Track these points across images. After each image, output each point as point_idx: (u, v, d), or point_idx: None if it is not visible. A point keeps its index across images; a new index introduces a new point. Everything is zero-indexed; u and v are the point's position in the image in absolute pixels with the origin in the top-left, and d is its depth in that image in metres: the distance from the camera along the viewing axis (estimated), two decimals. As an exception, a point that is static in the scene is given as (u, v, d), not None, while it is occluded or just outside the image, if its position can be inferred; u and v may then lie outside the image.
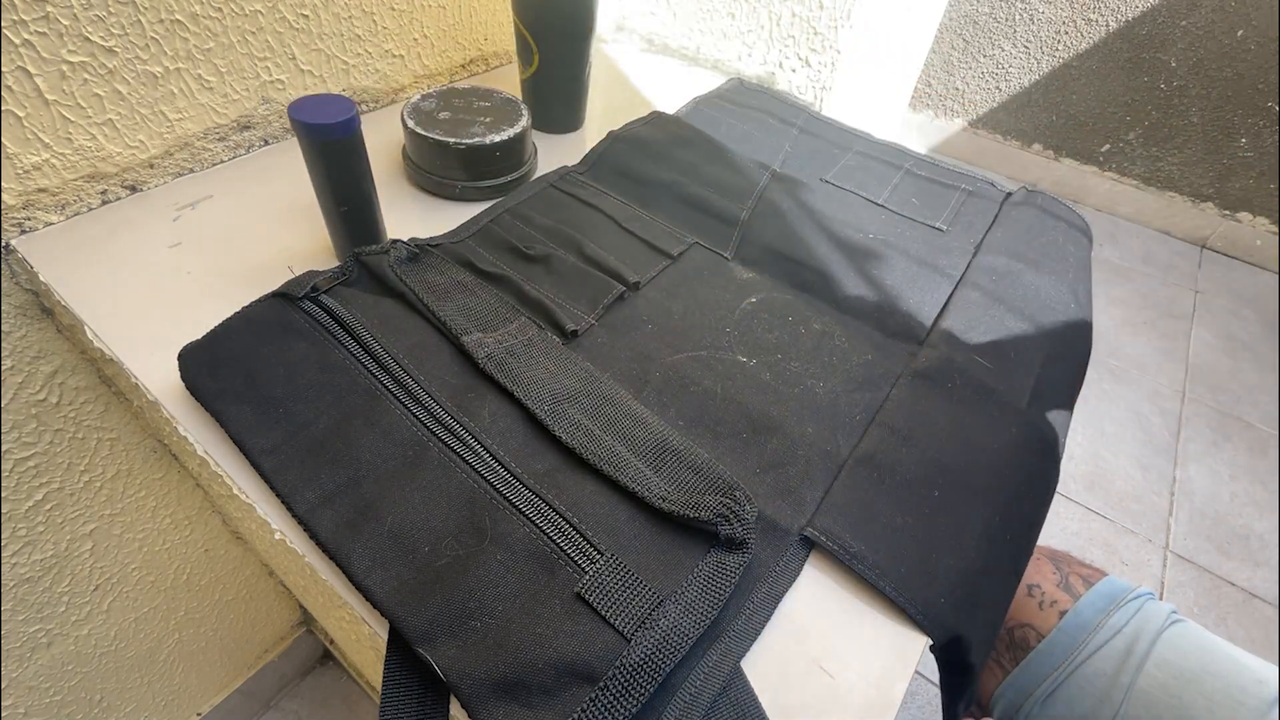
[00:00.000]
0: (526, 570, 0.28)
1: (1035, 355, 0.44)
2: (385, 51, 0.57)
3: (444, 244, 0.44)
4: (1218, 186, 1.88)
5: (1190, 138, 1.86)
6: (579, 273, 0.44)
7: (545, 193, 0.51)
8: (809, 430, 0.37)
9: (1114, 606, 0.47)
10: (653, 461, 0.33)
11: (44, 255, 0.41)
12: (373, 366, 0.35)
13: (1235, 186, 1.86)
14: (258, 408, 0.33)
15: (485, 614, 0.26)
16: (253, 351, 0.35)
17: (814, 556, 0.33)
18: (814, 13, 0.67)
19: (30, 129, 0.39)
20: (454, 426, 0.33)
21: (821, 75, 0.70)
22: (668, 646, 0.26)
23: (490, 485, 0.31)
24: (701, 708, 0.26)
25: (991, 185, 0.60)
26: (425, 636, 0.26)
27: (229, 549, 0.69)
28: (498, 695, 0.24)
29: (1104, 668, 0.45)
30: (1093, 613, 0.47)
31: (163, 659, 0.70)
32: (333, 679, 0.92)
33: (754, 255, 0.49)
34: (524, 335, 0.38)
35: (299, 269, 0.42)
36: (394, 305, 0.39)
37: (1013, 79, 2.00)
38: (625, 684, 0.25)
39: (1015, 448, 0.38)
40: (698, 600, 0.28)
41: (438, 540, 0.29)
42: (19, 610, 0.54)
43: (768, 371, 0.40)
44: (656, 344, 0.41)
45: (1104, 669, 0.45)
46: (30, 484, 0.49)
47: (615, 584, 0.27)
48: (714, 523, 0.29)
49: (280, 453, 0.32)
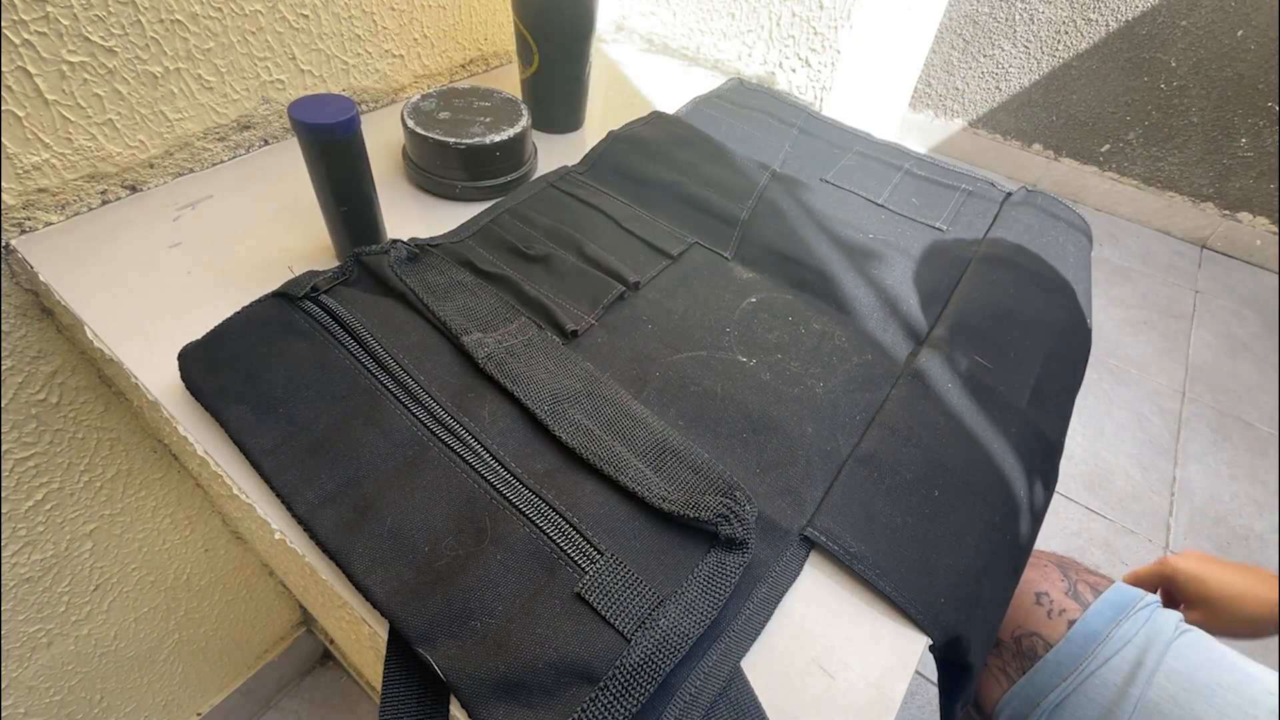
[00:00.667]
0: (526, 570, 0.28)
1: (1035, 355, 0.44)
2: (385, 51, 0.57)
3: (444, 244, 0.44)
4: (1218, 186, 1.88)
5: (1190, 138, 1.86)
6: (579, 273, 0.44)
7: (545, 192, 0.51)
8: (809, 430, 0.37)
9: (1123, 616, 0.47)
10: (653, 461, 0.33)
11: (44, 255, 0.41)
12: (373, 366, 0.35)
13: (1235, 186, 1.86)
14: (257, 407, 0.33)
15: (485, 614, 0.26)
16: (253, 351, 0.35)
17: (814, 556, 0.33)
18: (814, 13, 0.67)
19: (30, 129, 0.39)
20: (454, 426, 0.33)
21: (821, 75, 0.70)
22: (668, 647, 0.26)
23: (490, 485, 0.31)
24: (701, 708, 0.26)
25: (991, 185, 0.60)
26: (425, 636, 0.26)
27: (229, 549, 0.69)
28: (498, 695, 0.25)
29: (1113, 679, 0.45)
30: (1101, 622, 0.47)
31: (163, 659, 0.70)
32: (333, 679, 0.92)
33: (754, 255, 0.49)
34: (524, 335, 0.38)
35: (299, 269, 0.42)
36: (394, 305, 0.39)
37: (1013, 79, 2.00)
38: (625, 684, 0.25)
39: (1015, 447, 0.38)
40: (698, 600, 0.28)
41: (438, 540, 0.29)
42: (19, 610, 0.54)
43: (768, 371, 0.40)
44: (656, 344, 0.41)
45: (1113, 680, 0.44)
46: (30, 484, 0.49)
47: (615, 584, 0.27)
48: (714, 523, 0.29)
49: (280, 453, 0.32)
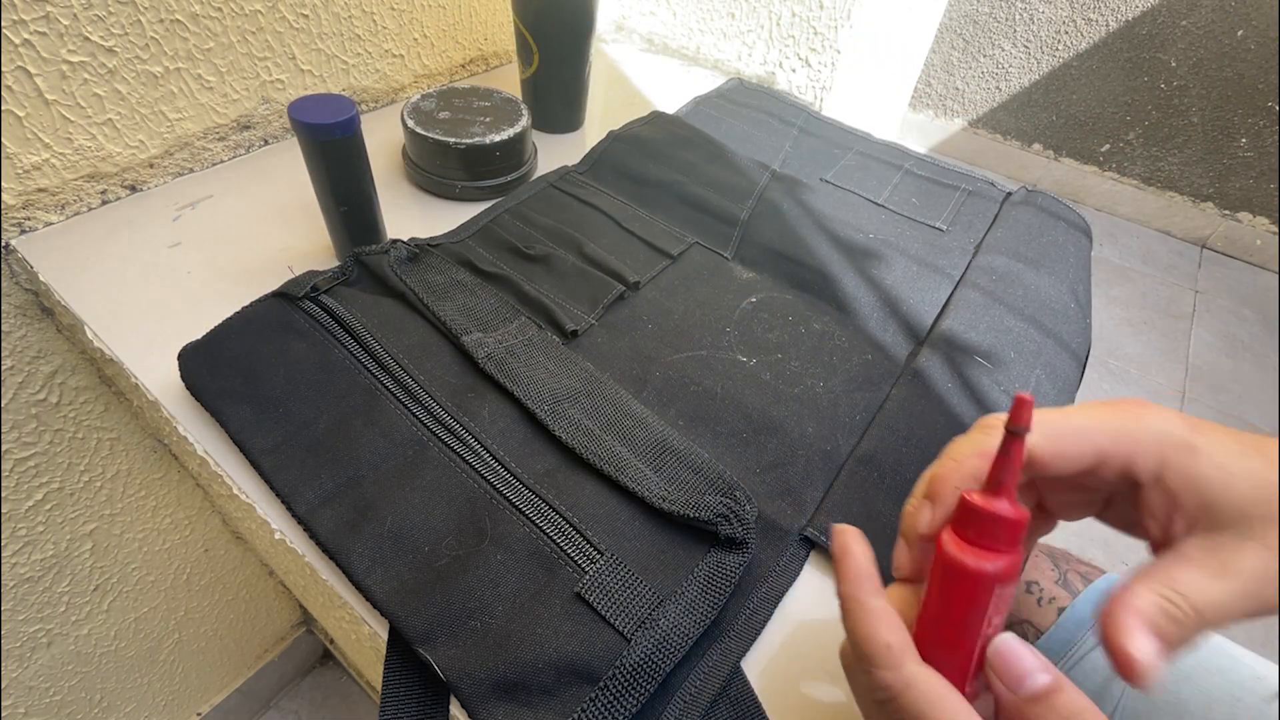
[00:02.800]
0: (526, 570, 0.28)
1: (1035, 355, 0.44)
2: (385, 51, 0.57)
3: (444, 244, 0.44)
4: (1218, 186, 1.88)
5: (1190, 138, 1.86)
6: (579, 272, 0.44)
7: (545, 192, 0.51)
8: (809, 430, 0.37)
9: None
10: (653, 461, 0.33)
11: (44, 255, 0.41)
12: (372, 366, 0.35)
13: (1235, 186, 1.86)
14: (257, 407, 0.33)
15: (485, 614, 0.26)
16: (253, 351, 0.35)
17: (813, 556, 0.33)
18: (814, 13, 0.67)
19: (30, 129, 0.39)
20: (454, 426, 0.33)
21: (821, 75, 0.70)
22: (668, 646, 0.26)
23: (490, 485, 0.31)
24: (701, 707, 0.26)
25: (991, 185, 0.60)
26: (425, 637, 0.26)
27: (229, 549, 0.69)
28: (498, 695, 0.25)
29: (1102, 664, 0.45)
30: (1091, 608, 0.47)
31: (163, 659, 0.70)
32: (333, 679, 0.92)
33: (754, 255, 0.49)
34: (524, 335, 0.38)
35: (299, 269, 0.42)
36: (394, 305, 0.39)
37: (1013, 79, 2.00)
38: (625, 684, 0.25)
39: None
40: (698, 600, 0.28)
41: (438, 540, 0.29)
42: (19, 610, 0.54)
43: (768, 371, 0.40)
44: (656, 344, 0.41)
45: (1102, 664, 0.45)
46: (30, 484, 0.49)
47: (615, 584, 0.27)
48: (714, 523, 0.29)
49: (280, 453, 0.32)
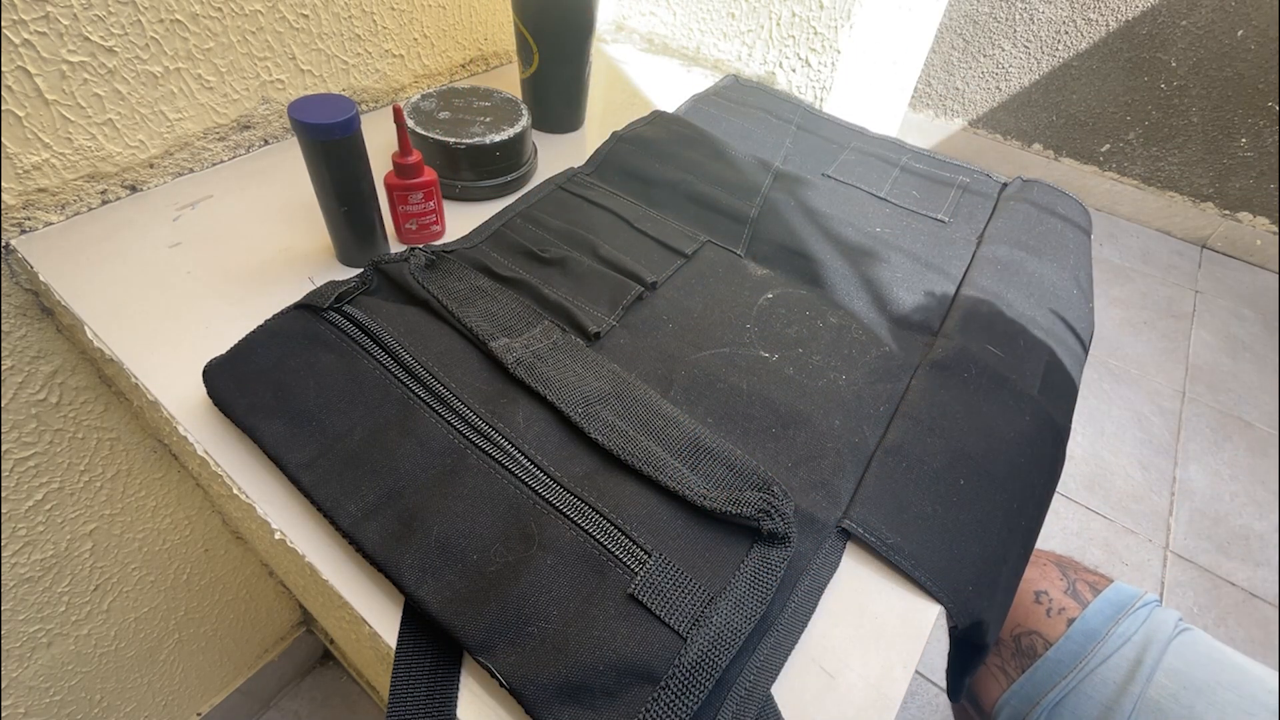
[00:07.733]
0: (577, 574, 0.28)
1: (1043, 342, 0.44)
2: (385, 51, 0.57)
3: (459, 250, 0.44)
4: (1218, 186, 1.88)
5: (1190, 138, 1.86)
6: (596, 274, 0.44)
7: (554, 195, 0.51)
8: (836, 423, 0.37)
9: (1122, 614, 0.47)
10: (689, 460, 0.33)
11: (44, 255, 0.41)
12: (403, 375, 0.34)
13: (1235, 186, 1.86)
14: (290, 421, 0.32)
15: (541, 619, 0.26)
16: (280, 365, 0.34)
17: (850, 547, 0.33)
18: (814, 13, 0.67)
19: (30, 129, 0.39)
20: (490, 433, 0.33)
21: (821, 75, 0.70)
22: (723, 642, 0.26)
23: (532, 490, 0.31)
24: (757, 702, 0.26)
25: (987, 177, 0.60)
26: (484, 645, 0.26)
27: (229, 549, 0.69)
28: (562, 700, 0.25)
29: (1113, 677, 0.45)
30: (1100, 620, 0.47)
31: (163, 659, 0.70)
32: (333, 679, 0.92)
33: (766, 252, 0.49)
34: (549, 339, 0.38)
35: (299, 268, 0.42)
36: (418, 313, 0.38)
37: (1013, 79, 2.00)
38: (685, 682, 0.25)
39: (1029, 435, 0.39)
40: (746, 595, 0.28)
41: (486, 548, 0.29)
42: (19, 610, 0.54)
43: (791, 366, 0.40)
44: (679, 343, 0.41)
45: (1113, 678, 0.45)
46: (30, 484, 0.49)
47: (666, 583, 0.27)
48: (756, 518, 0.29)
49: (318, 466, 0.31)
